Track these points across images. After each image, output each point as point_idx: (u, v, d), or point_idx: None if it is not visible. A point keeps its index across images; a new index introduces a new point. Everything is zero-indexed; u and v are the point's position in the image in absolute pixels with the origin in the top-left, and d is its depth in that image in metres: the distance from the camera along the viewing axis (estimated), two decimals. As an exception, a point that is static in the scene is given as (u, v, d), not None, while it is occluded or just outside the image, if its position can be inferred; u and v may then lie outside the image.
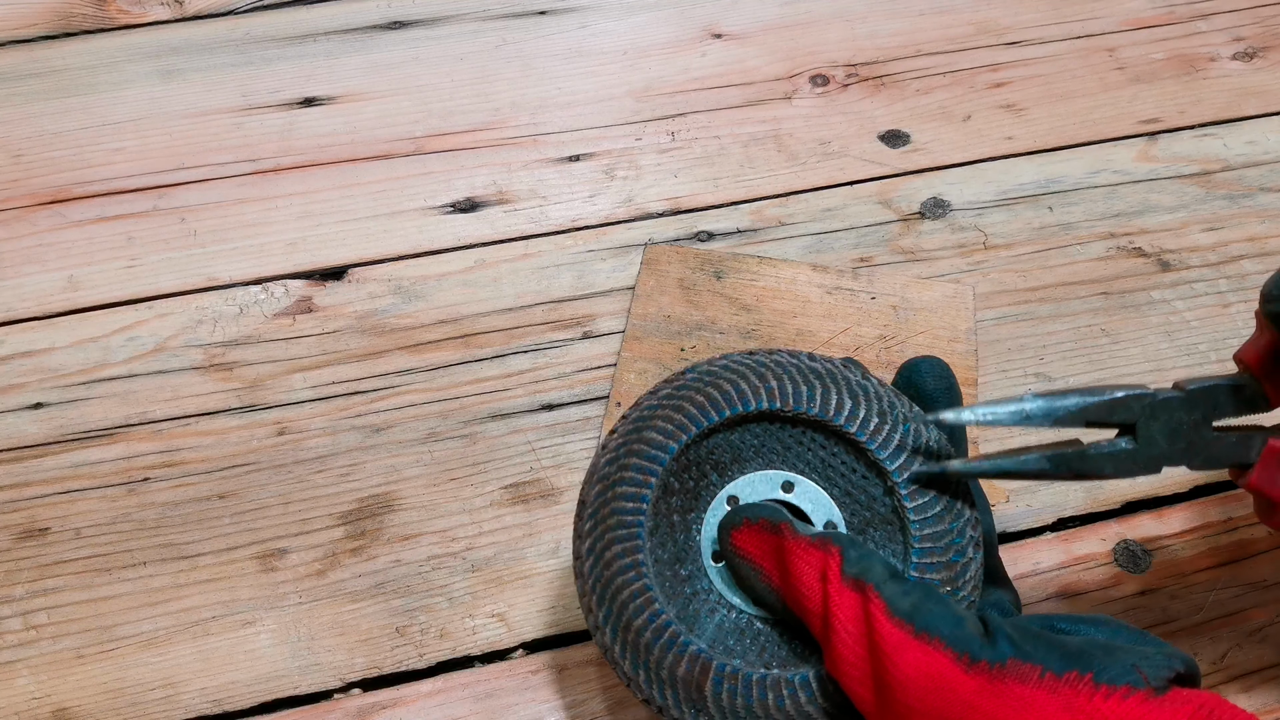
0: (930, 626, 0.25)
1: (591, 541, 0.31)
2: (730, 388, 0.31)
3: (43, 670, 0.38)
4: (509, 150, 0.55)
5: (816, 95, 0.58)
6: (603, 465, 0.32)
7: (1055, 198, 0.53)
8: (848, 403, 0.31)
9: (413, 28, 0.61)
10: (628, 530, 0.30)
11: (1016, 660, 0.24)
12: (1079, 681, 0.24)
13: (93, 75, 0.59)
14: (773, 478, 0.31)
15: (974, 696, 0.24)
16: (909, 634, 0.25)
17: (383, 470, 0.43)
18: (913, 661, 0.25)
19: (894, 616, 0.26)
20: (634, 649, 0.30)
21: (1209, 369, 0.46)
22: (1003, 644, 0.25)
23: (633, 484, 0.31)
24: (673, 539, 0.31)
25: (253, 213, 0.52)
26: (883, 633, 0.26)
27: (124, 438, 0.44)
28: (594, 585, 0.30)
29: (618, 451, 0.32)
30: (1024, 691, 0.24)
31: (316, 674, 0.38)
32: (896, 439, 0.30)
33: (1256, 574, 0.40)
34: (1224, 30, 0.61)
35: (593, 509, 0.31)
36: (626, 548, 0.30)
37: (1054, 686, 0.24)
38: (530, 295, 0.49)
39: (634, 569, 0.30)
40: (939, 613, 0.26)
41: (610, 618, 0.30)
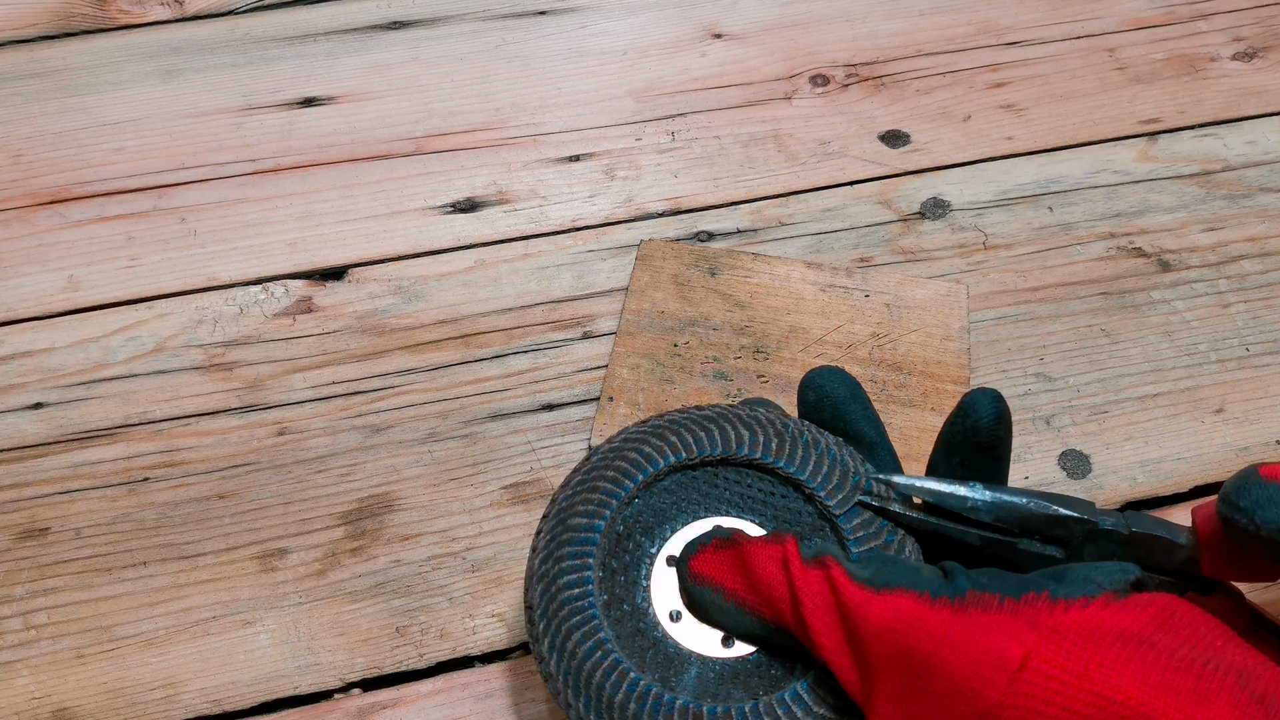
0: (891, 580, 0.27)
1: (550, 639, 0.31)
2: (636, 454, 0.33)
3: (43, 670, 0.38)
4: (509, 150, 0.55)
5: (816, 95, 0.58)
6: (538, 566, 0.32)
7: (1055, 198, 0.53)
8: (745, 434, 0.33)
9: (413, 28, 0.61)
10: (582, 615, 0.31)
11: (975, 591, 0.26)
12: (1037, 600, 0.25)
13: (93, 75, 0.59)
14: (701, 526, 0.32)
15: (941, 629, 0.25)
16: (872, 592, 0.27)
17: (383, 470, 0.43)
18: (879, 611, 0.26)
19: (855, 580, 0.27)
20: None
21: (1204, 368, 0.46)
22: (959, 579, 0.26)
23: (573, 570, 0.31)
24: (627, 612, 0.31)
25: (253, 213, 0.52)
26: (846, 594, 0.27)
27: (124, 438, 0.44)
28: (565, 680, 0.30)
29: (549, 548, 0.32)
30: (987, 617, 0.25)
31: (316, 674, 0.38)
32: (799, 452, 0.32)
33: (1256, 574, 0.40)
34: (1224, 30, 0.61)
35: (541, 609, 0.32)
36: (586, 631, 0.30)
37: (1015, 609, 0.25)
38: (530, 295, 0.49)
39: (599, 649, 0.30)
40: (897, 569, 0.27)
41: (592, 704, 0.30)
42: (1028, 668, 0.24)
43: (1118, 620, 0.24)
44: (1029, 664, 0.24)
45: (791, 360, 0.44)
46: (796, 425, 0.33)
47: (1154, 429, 0.44)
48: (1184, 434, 0.44)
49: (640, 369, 0.44)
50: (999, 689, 0.24)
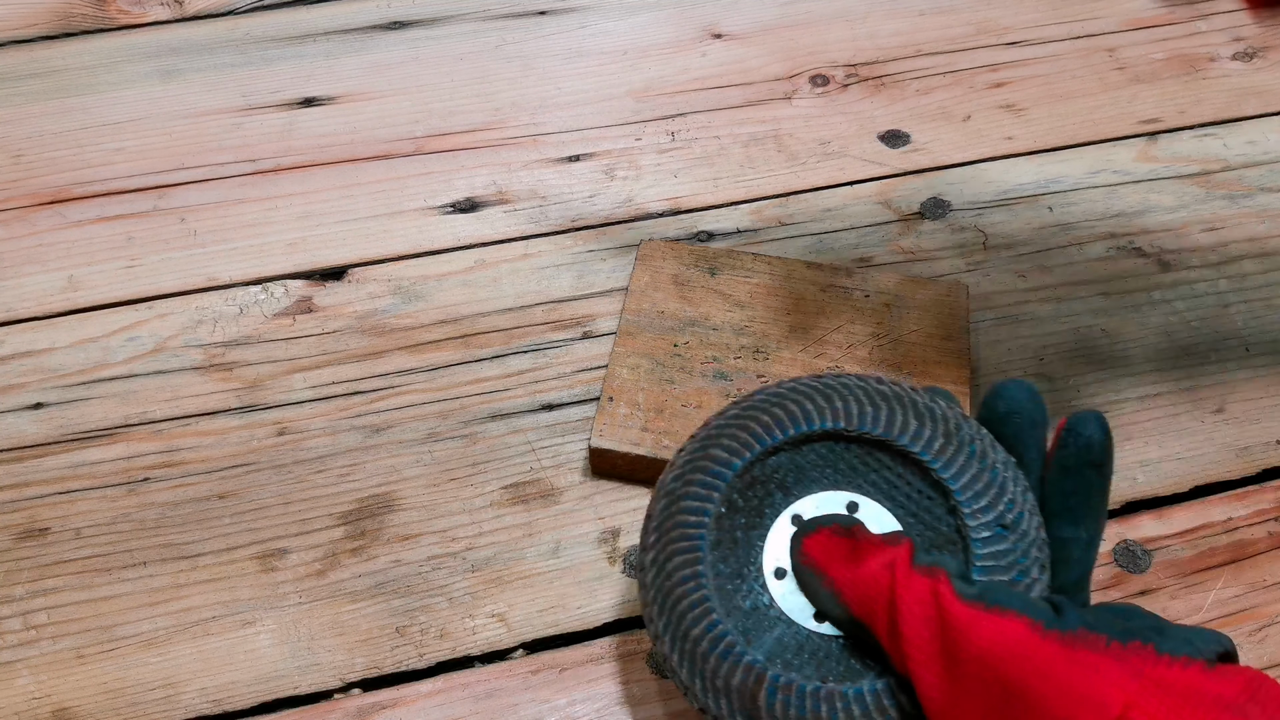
0: (1002, 601, 0.26)
1: (654, 553, 0.32)
2: (796, 408, 0.32)
3: (43, 670, 0.38)
4: (509, 150, 0.55)
5: (816, 95, 0.58)
6: (669, 481, 0.32)
7: (1055, 198, 0.53)
8: (912, 423, 0.31)
9: (412, 28, 0.61)
10: (689, 543, 0.31)
11: (1086, 630, 0.25)
12: (1143, 650, 0.25)
13: (93, 75, 0.59)
14: (837, 498, 0.32)
15: (1048, 663, 0.25)
16: (980, 609, 0.26)
17: (383, 470, 0.43)
18: (988, 632, 0.26)
19: (964, 597, 0.26)
20: (690, 658, 0.30)
21: (1204, 368, 0.46)
22: (1071, 615, 0.26)
23: (696, 499, 0.31)
24: (735, 555, 0.31)
25: (253, 213, 0.52)
26: (954, 611, 0.26)
27: (124, 438, 0.44)
28: (655, 595, 0.31)
29: (684, 468, 0.32)
30: (1095, 658, 0.25)
31: (316, 674, 0.38)
32: (960, 459, 0.31)
33: (1256, 574, 0.40)
34: (1224, 30, 0.61)
35: (657, 522, 0.32)
36: (687, 559, 0.31)
37: (1121, 654, 0.25)
38: (530, 295, 0.49)
39: (693, 580, 0.30)
40: (1007, 593, 0.27)
41: (669, 627, 0.30)
42: (1126, 717, 0.24)
43: (1214, 685, 0.24)
44: (1128, 714, 0.24)
45: (792, 360, 0.44)
46: (971, 430, 0.31)
47: (1154, 429, 0.44)
48: (1184, 434, 0.44)
49: (640, 369, 0.44)
50: None
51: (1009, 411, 0.31)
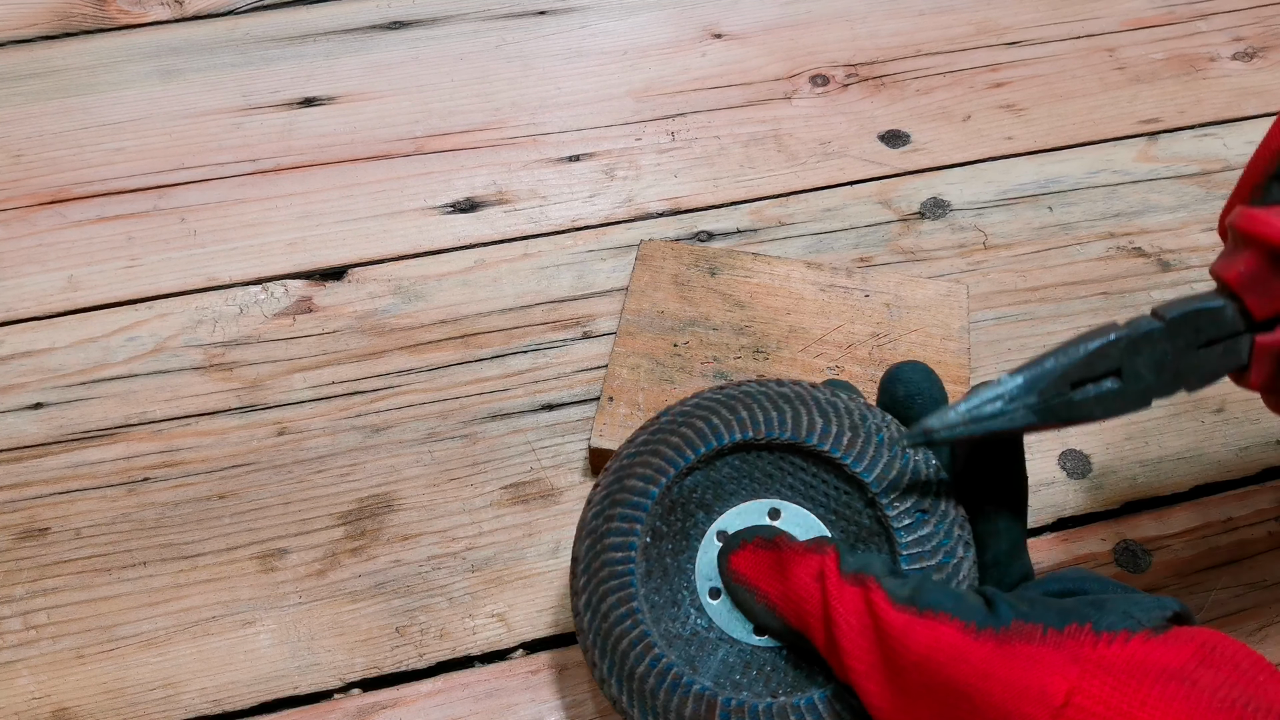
0: (934, 604, 0.26)
1: (587, 596, 0.31)
2: (703, 424, 0.32)
3: (43, 670, 0.38)
4: (509, 150, 0.55)
5: (816, 95, 0.58)
6: (589, 519, 0.32)
7: (1055, 198, 0.53)
8: (819, 422, 0.31)
9: (412, 28, 0.61)
10: (620, 580, 0.31)
11: (1020, 621, 0.25)
12: (1080, 633, 0.24)
13: (93, 75, 0.59)
14: (758, 507, 0.32)
15: (984, 662, 0.25)
16: (913, 614, 0.26)
17: (383, 470, 0.43)
18: (922, 639, 0.25)
19: (896, 603, 0.26)
20: (640, 696, 0.30)
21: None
22: (1003, 609, 0.26)
23: (619, 534, 0.31)
24: (668, 582, 0.31)
25: (252, 213, 0.52)
26: (888, 619, 0.26)
27: (124, 438, 0.44)
28: (594, 639, 0.31)
29: (602, 504, 0.32)
30: (1031, 650, 0.24)
31: (316, 674, 0.38)
32: (870, 451, 0.31)
33: (1256, 574, 0.40)
34: (1224, 30, 0.61)
35: (584, 563, 0.32)
36: (620, 597, 0.31)
37: (1058, 641, 0.24)
38: (530, 295, 0.49)
39: (630, 617, 0.30)
40: (939, 592, 0.26)
41: (614, 668, 0.30)
42: (1071, 704, 0.23)
43: (1160, 656, 0.24)
44: (1072, 700, 0.23)
45: (791, 360, 0.44)
46: (877, 419, 0.32)
47: (1154, 429, 0.44)
48: (1184, 434, 0.44)
49: (640, 369, 0.44)
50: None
51: (909, 394, 0.31)
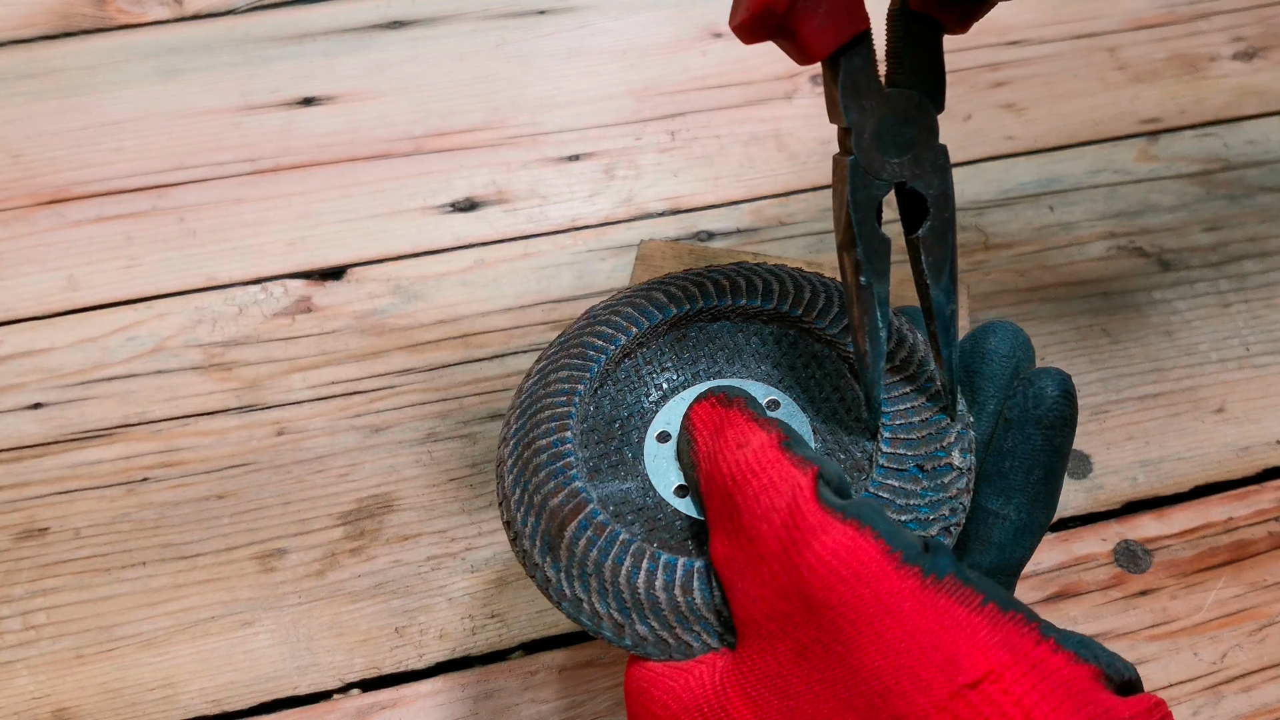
0: (863, 517, 0.22)
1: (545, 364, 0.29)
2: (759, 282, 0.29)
3: (42, 670, 0.38)
4: (508, 150, 0.55)
5: (817, 95, 0.58)
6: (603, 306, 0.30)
7: (1055, 197, 0.53)
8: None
9: (412, 27, 0.61)
10: (583, 362, 0.28)
11: (956, 579, 0.21)
12: (1025, 625, 0.20)
13: (92, 75, 0.59)
14: (761, 390, 0.29)
15: (897, 599, 0.20)
16: (837, 518, 0.22)
17: (382, 470, 0.43)
18: (832, 544, 0.21)
19: (824, 502, 0.22)
20: (523, 466, 0.27)
21: (1204, 368, 0.46)
22: (943, 559, 0.21)
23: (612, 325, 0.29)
24: (627, 400, 0.29)
25: (252, 212, 0.52)
26: (805, 510, 0.22)
27: (123, 438, 0.44)
28: (523, 400, 0.28)
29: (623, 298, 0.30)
30: (959, 612, 0.20)
31: (315, 674, 0.38)
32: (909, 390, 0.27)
33: (1256, 574, 0.40)
34: (1224, 30, 0.61)
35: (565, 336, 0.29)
36: (574, 375, 0.28)
37: (996, 618, 0.20)
38: (530, 295, 0.49)
39: (567, 395, 0.28)
40: (877, 513, 0.22)
41: (519, 432, 0.28)
42: (982, 688, 0.19)
43: (1106, 697, 0.20)
44: (986, 684, 0.19)
45: (791, 360, 0.44)
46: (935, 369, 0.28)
47: (1154, 428, 0.44)
48: (1184, 433, 0.44)
49: (640, 369, 0.44)
50: (932, 696, 0.20)
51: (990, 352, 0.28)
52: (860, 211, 0.26)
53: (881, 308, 0.26)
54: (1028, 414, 0.26)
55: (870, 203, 0.26)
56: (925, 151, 0.26)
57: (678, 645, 0.25)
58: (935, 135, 0.26)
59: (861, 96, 0.25)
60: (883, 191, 0.26)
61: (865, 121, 0.25)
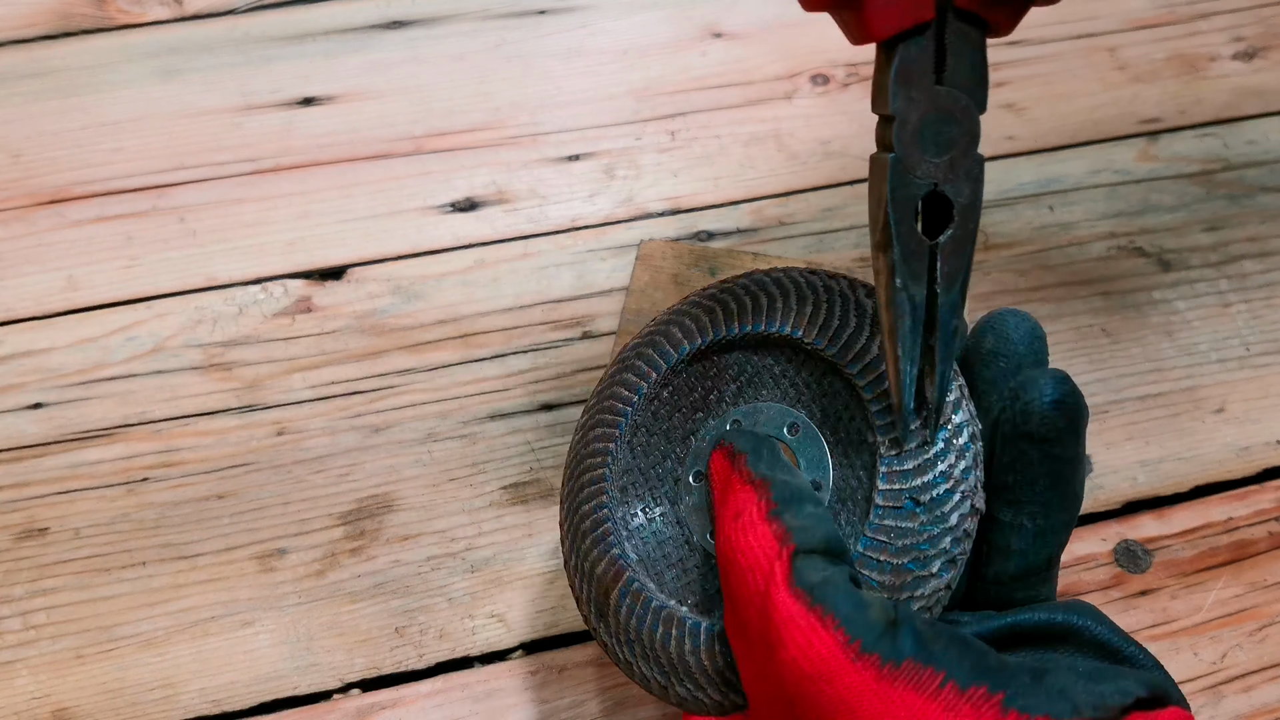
0: (826, 601, 0.22)
1: (586, 418, 0.31)
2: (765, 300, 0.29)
3: (42, 670, 0.38)
4: (508, 150, 0.55)
5: (817, 95, 0.58)
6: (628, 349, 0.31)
7: (1056, 197, 0.53)
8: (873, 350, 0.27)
9: (412, 27, 0.61)
10: (613, 416, 0.29)
11: (915, 662, 0.21)
12: (985, 702, 0.20)
13: (92, 75, 0.59)
14: (782, 413, 0.28)
15: (853, 693, 0.21)
16: (805, 605, 0.22)
17: (382, 470, 0.43)
18: (799, 640, 0.21)
19: (795, 585, 0.22)
20: (574, 532, 0.29)
21: (1204, 368, 0.46)
22: (904, 639, 0.21)
23: (636, 372, 0.30)
24: (662, 441, 0.29)
25: (252, 212, 0.52)
26: (777, 600, 0.22)
27: (123, 438, 0.44)
28: (572, 459, 0.30)
29: (644, 337, 0.31)
30: (913, 699, 0.20)
31: (315, 674, 0.38)
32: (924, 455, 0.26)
33: (1256, 574, 0.40)
34: (1224, 30, 0.61)
35: (599, 389, 0.31)
36: (606, 432, 0.29)
37: (952, 702, 0.20)
38: (530, 295, 0.49)
39: (602, 456, 0.29)
40: (844, 591, 0.22)
41: (569, 495, 0.30)
42: None
43: None
44: None
45: (791, 360, 0.44)
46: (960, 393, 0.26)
47: (1154, 429, 0.44)
48: (1184, 434, 0.44)
49: (640, 369, 0.44)
50: None
51: (994, 351, 0.26)
52: (899, 211, 0.25)
53: (915, 312, 0.25)
54: (1018, 429, 0.25)
55: (909, 202, 0.25)
56: (963, 158, 0.25)
57: (714, 705, 0.26)
58: (976, 143, 0.25)
59: (912, 87, 0.24)
60: (921, 191, 0.25)
61: (910, 113, 0.25)
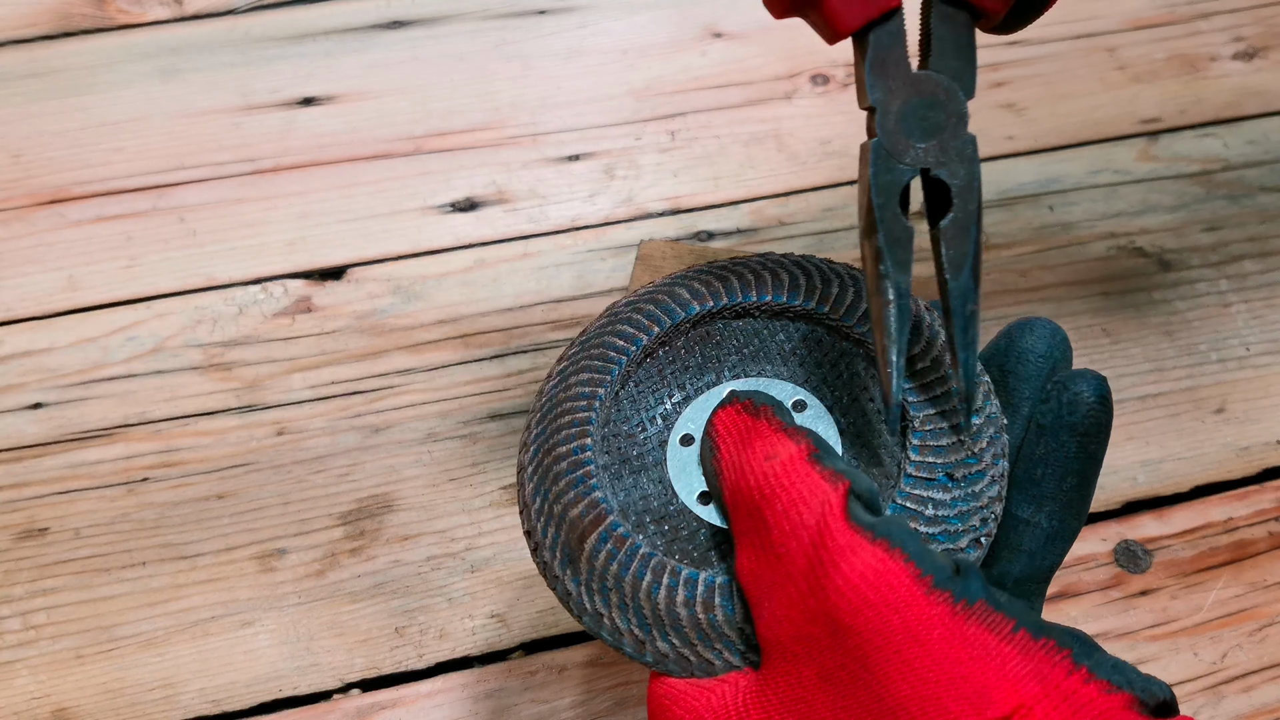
0: (893, 538, 0.21)
1: (565, 365, 0.28)
2: (787, 276, 0.28)
3: (42, 670, 0.38)
4: (508, 150, 0.55)
5: (817, 95, 0.58)
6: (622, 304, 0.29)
7: (1055, 197, 0.53)
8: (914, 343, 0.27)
9: (412, 27, 0.61)
10: (605, 364, 0.27)
11: (987, 605, 0.20)
12: (1057, 654, 0.20)
13: (92, 75, 0.59)
14: (787, 390, 0.28)
15: (926, 627, 0.20)
16: (866, 538, 0.21)
17: (382, 470, 0.43)
18: (862, 566, 0.20)
19: (854, 520, 0.21)
20: (544, 474, 0.27)
21: (1204, 368, 0.46)
22: (975, 584, 0.21)
23: (638, 325, 0.28)
24: (648, 399, 0.28)
25: (252, 212, 0.52)
26: (834, 529, 0.21)
27: (123, 438, 0.44)
28: (545, 404, 0.28)
29: (641, 296, 0.29)
30: (990, 641, 0.20)
31: (315, 674, 0.38)
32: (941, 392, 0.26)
33: (1256, 574, 0.40)
34: (1224, 30, 0.61)
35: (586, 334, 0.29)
36: (595, 378, 0.27)
37: (1027, 647, 0.20)
38: (530, 295, 0.49)
39: (587, 400, 0.27)
40: (908, 534, 0.21)
41: (542, 438, 0.27)
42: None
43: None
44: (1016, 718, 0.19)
45: (791, 360, 0.44)
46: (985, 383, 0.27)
47: (1154, 429, 0.44)
48: (1184, 433, 0.44)
49: (640, 369, 0.44)
50: None
51: (1028, 350, 0.27)
52: (882, 196, 0.24)
53: (900, 300, 0.25)
54: (1062, 420, 0.25)
55: (892, 187, 0.24)
56: (953, 139, 0.24)
57: (699, 663, 0.24)
58: (964, 123, 0.24)
59: (889, 76, 0.24)
60: (906, 176, 0.25)
61: (891, 102, 0.24)
